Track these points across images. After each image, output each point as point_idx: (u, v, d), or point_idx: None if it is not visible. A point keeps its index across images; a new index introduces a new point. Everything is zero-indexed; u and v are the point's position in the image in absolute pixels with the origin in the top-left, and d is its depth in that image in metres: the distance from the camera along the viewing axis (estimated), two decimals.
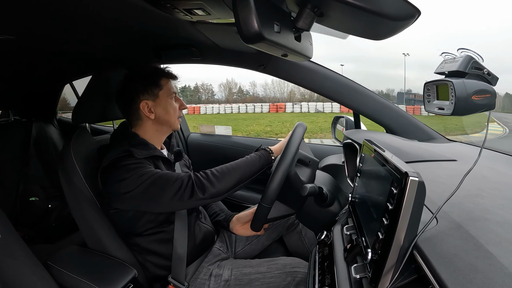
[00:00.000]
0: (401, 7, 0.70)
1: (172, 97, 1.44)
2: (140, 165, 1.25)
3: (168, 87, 1.44)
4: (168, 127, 1.47)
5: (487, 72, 0.85)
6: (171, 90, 1.44)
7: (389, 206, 0.69)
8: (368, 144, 1.03)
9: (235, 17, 0.73)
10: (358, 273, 0.80)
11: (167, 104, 1.43)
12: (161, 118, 1.42)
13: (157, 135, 1.46)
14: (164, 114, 1.43)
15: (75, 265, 1.30)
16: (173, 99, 1.45)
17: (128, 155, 1.26)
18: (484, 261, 0.58)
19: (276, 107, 34.56)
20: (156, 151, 1.37)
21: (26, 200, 2.61)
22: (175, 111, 1.46)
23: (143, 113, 1.40)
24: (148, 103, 1.40)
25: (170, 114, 1.44)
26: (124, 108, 1.43)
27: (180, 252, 1.35)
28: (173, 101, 1.45)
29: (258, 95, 53.14)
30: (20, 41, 1.32)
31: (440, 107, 0.93)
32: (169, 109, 1.44)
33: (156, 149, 1.39)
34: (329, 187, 1.32)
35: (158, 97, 1.41)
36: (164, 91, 1.42)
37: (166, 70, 1.47)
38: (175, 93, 1.46)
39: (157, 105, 1.41)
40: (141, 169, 1.23)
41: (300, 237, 1.66)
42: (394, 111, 1.63)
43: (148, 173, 1.22)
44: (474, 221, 0.72)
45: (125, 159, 1.25)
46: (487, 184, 0.96)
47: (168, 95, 1.43)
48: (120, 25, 1.25)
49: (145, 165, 1.27)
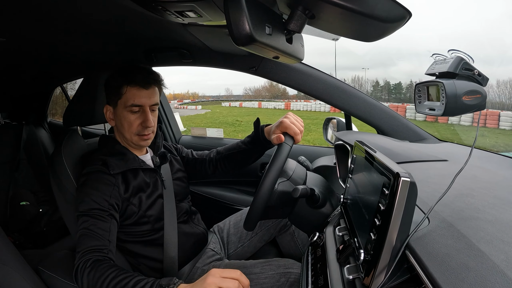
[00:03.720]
0: (392, 9, 0.71)
1: (130, 109, 1.30)
2: (97, 192, 1.21)
3: (128, 97, 1.30)
4: (128, 141, 1.37)
5: (477, 73, 0.86)
6: (129, 102, 1.29)
7: (381, 207, 0.69)
8: (359, 145, 1.03)
9: (226, 20, 0.73)
10: (351, 274, 0.80)
11: (121, 116, 1.32)
12: (118, 128, 1.36)
13: (128, 143, 1.39)
14: (119, 125, 1.34)
15: (66, 270, 1.29)
16: (134, 112, 1.31)
17: (98, 171, 1.25)
18: (476, 259, 0.58)
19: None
20: (134, 163, 1.33)
21: (17, 204, 2.58)
22: (130, 125, 1.32)
23: (106, 118, 1.36)
24: (109, 108, 1.35)
25: (124, 128, 1.33)
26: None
27: (172, 255, 1.35)
28: (129, 114, 1.31)
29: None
30: (10, 43, 1.31)
31: (431, 108, 0.94)
32: (123, 122, 1.32)
33: (135, 160, 1.35)
34: (321, 188, 1.32)
35: (117, 105, 1.33)
36: (122, 101, 1.31)
37: (132, 77, 1.31)
38: (139, 105, 1.31)
39: (115, 114, 1.34)
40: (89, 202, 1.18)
41: (293, 239, 1.66)
42: (384, 112, 1.63)
43: (83, 220, 1.17)
44: (466, 220, 0.73)
45: (94, 174, 1.24)
46: (477, 184, 0.97)
47: (125, 106, 1.30)
48: (111, 27, 1.25)
49: (104, 193, 1.21)
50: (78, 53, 1.68)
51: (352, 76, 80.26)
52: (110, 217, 1.20)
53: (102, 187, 1.22)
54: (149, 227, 1.33)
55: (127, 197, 1.28)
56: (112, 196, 1.23)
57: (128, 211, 1.28)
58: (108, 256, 1.12)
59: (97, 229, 1.15)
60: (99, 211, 1.18)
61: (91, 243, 1.12)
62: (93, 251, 1.10)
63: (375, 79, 70.12)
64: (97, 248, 1.12)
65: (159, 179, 1.40)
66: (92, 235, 1.14)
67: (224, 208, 2.24)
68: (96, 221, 1.16)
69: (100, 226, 1.16)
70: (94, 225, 1.15)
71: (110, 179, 1.25)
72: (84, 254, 1.09)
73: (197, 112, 33.18)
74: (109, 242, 1.16)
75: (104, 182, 1.23)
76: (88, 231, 1.14)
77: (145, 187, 1.34)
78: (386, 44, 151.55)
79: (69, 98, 3.29)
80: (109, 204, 1.21)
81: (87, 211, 1.17)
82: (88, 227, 1.15)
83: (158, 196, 1.37)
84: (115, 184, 1.25)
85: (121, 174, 1.29)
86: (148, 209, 1.33)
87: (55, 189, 1.35)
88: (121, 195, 1.26)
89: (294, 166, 1.37)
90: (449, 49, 0.90)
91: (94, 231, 1.15)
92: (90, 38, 1.37)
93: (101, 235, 1.15)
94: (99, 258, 1.09)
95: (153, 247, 1.33)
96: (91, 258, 1.08)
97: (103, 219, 1.18)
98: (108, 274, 1.03)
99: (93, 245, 1.12)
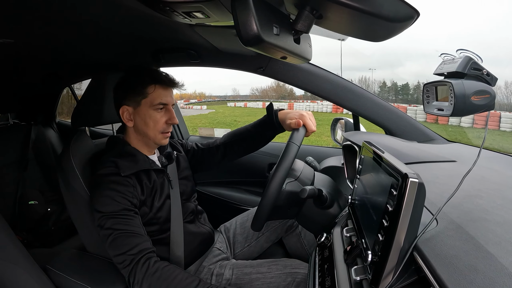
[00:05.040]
0: (400, 8, 0.71)
1: (156, 108, 1.33)
2: (119, 193, 1.22)
3: (154, 96, 1.32)
4: (149, 140, 1.38)
5: (486, 72, 0.85)
6: (156, 100, 1.32)
7: (389, 208, 0.69)
8: (367, 146, 1.03)
9: (234, 20, 0.73)
10: (358, 275, 0.79)
11: (146, 115, 1.33)
12: (139, 128, 1.36)
13: (141, 144, 1.40)
14: (142, 124, 1.35)
15: (74, 269, 1.30)
16: (159, 110, 1.34)
17: (115, 173, 1.25)
18: (484, 261, 0.58)
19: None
20: (144, 164, 1.34)
21: (25, 204, 2.60)
22: (156, 124, 1.34)
23: (123, 119, 1.36)
24: (128, 109, 1.34)
25: (148, 126, 1.34)
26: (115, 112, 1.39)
27: (178, 254, 1.35)
28: (156, 113, 1.33)
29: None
30: (19, 45, 1.32)
31: (440, 108, 0.93)
32: (148, 121, 1.33)
33: (145, 161, 1.35)
34: (329, 189, 1.32)
35: (140, 105, 1.33)
36: (148, 100, 1.32)
37: (158, 77, 1.35)
38: (165, 104, 1.34)
39: (137, 113, 1.34)
40: (114, 203, 1.20)
41: (300, 239, 1.65)
42: (393, 113, 1.63)
43: (113, 222, 1.18)
44: (474, 221, 0.73)
45: (111, 176, 1.25)
46: (486, 185, 0.96)
47: (151, 105, 1.32)
48: (119, 29, 1.25)
49: (125, 194, 1.23)
50: (86, 55, 1.69)
51: (359, 77, 79.96)
52: (136, 214, 1.24)
53: (121, 188, 1.23)
54: (157, 228, 1.34)
55: (143, 198, 1.30)
56: (133, 196, 1.25)
57: (141, 212, 1.28)
58: (155, 252, 1.22)
59: (132, 227, 1.19)
60: (126, 211, 1.21)
61: (135, 241, 1.17)
62: (143, 250, 1.17)
63: (382, 79, 69.98)
64: (144, 246, 1.18)
65: (166, 179, 1.40)
66: (132, 234, 1.18)
67: (231, 208, 2.24)
68: (127, 220, 1.19)
69: (133, 224, 1.20)
70: (128, 225, 1.19)
71: (128, 180, 1.26)
72: (138, 253, 1.16)
73: (200, 112, 33.15)
74: (148, 236, 1.23)
75: (122, 183, 1.24)
76: (124, 232, 1.17)
77: (156, 188, 1.35)
78: (393, 44, 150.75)
79: (77, 98, 3.31)
80: (131, 204, 1.24)
81: (115, 213, 1.19)
82: (123, 228, 1.17)
83: (166, 197, 1.37)
84: (133, 185, 1.27)
85: (135, 176, 1.29)
86: (158, 211, 1.33)
87: (63, 189, 1.36)
88: (138, 195, 1.28)
89: (302, 167, 1.37)
90: (457, 48, 0.90)
91: (131, 230, 1.18)
92: (98, 39, 1.38)
93: (138, 232, 1.20)
94: (154, 258, 1.18)
95: (159, 246, 1.33)
96: (150, 257, 1.17)
97: (132, 217, 1.21)
98: (176, 275, 1.15)
99: (137, 243, 1.17)
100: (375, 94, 1.68)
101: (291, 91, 71.76)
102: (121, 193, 1.22)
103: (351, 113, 1.75)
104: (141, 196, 1.29)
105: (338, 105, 1.69)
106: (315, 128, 1.31)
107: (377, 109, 1.63)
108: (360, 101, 1.63)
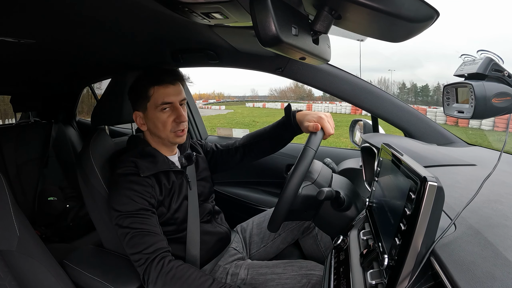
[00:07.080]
0: (419, 8, 0.70)
1: (161, 108, 1.31)
2: (137, 193, 1.23)
3: (156, 97, 1.30)
4: (164, 140, 1.38)
5: (507, 74, 0.84)
6: (159, 101, 1.30)
7: (406, 212, 0.68)
8: (386, 148, 1.02)
9: (252, 21, 0.73)
10: (374, 279, 0.79)
11: (154, 117, 1.32)
12: (152, 131, 1.37)
13: (160, 145, 1.40)
14: (153, 127, 1.35)
15: (91, 264, 1.32)
16: (165, 110, 1.32)
17: (134, 173, 1.27)
18: (502, 268, 0.56)
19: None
20: (163, 165, 1.34)
21: (45, 199, 2.66)
22: (164, 125, 1.32)
23: (137, 124, 1.38)
24: (139, 114, 1.36)
25: (158, 128, 1.33)
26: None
27: (194, 253, 1.36)
28: (162, 114, 1.31)
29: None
30: (40, 45, 1.34)
31: (460, 110, 0.91)
32: (157, 123, 1.33)
33: (165, 162, 1.36)
34: (346, 191, 1.31)
35: (147, 109, 1.33)
36: (152, 103, 1.31)
37: (156, 77, 1.32)
38: (169, 103, 1.32)
39: (147, 117, 1.35)
40: (132, 203, 1.22)
41: (316, 241, 1.64)
42: (412, 115, 1.60)
43: (131, 221, 1.20)
44: (493, 227, 0.71)
45: (130, 176, 1.26)
46: (506, 190, 0.94)
47: (156, 107, 1.31)
48: (139, 29, 1.27)
49: (143, 194, 1.24)
50: (107, 55, 1.71)
51: (378, 78, 79.13)
52: (154, 213, 1.26)
53: (140, 188, 1.24)
54: (174, 228, 1.35)
55: (161, 199, 1.31)
56: (151, 196, 1.26)
57: (158, 212, 1.30)
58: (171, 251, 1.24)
59: (149, 226, 1.21)
60: (143, 211, 1.22)
61: (151, 240, 1.19)
62: (158, 249, 1.18)
63: (401, 81, 69.13)
64: (160, 246, 1.20)
65: (185, 180, 1.41)
66: (148, 233, 1.19)
67: (248, 208, 2.25)
68: (144, 219, 1.21)
69: (150, 223, 1.22)
70: (144, 223, 1.20)
71: (147, 181, 1.27)
72: (153, 252, 1.17)
73: (219, 112, 33.34)
74: (164, 236, 1.25)
75: (141, 183, 1.25)
76: (140, 231, 1.19)
77: (175, 189, 1.36)
78: (413, 45, 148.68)
79: (97, 97, 3.36)
80: (149, 204, 1.25)
81: (132, 212, 1.21)
82: (140, 227, 1.19)
83: (184, 198, 1.38)
84: (152, 185, 1.28)
85: (154, 176, 1.30)
86: (176, 211, 1.34)
87: (82, 186, 1.39)
88: (156, 195, 1.29)
89: (320, 168, 1.36)
90: (478, 49, 0.88)
91: (147, 229, 1.20)
92: (118, 40, 1.40)
93: (154, 231, 1.21)
94: (169, 257, 1.20)
95: (175, 244, 1.34)
96: (165, 256, 1.19)
97: (150, 216, 1.23)
98: (190, 274, 1.16)
99: (153, 242, 1.19)
100: (394, 96, 1.66)
101: (310, 92, 71.48)
102: (139, 193, 1.23)
103: (370, 114, 1.73)
104: (159, 197, 1.30)
105: (357, 107, 1.68)
106: (333, 131, 1.30)
107: (396, 111, 1.61)
108: (379, 102, 1.62)
